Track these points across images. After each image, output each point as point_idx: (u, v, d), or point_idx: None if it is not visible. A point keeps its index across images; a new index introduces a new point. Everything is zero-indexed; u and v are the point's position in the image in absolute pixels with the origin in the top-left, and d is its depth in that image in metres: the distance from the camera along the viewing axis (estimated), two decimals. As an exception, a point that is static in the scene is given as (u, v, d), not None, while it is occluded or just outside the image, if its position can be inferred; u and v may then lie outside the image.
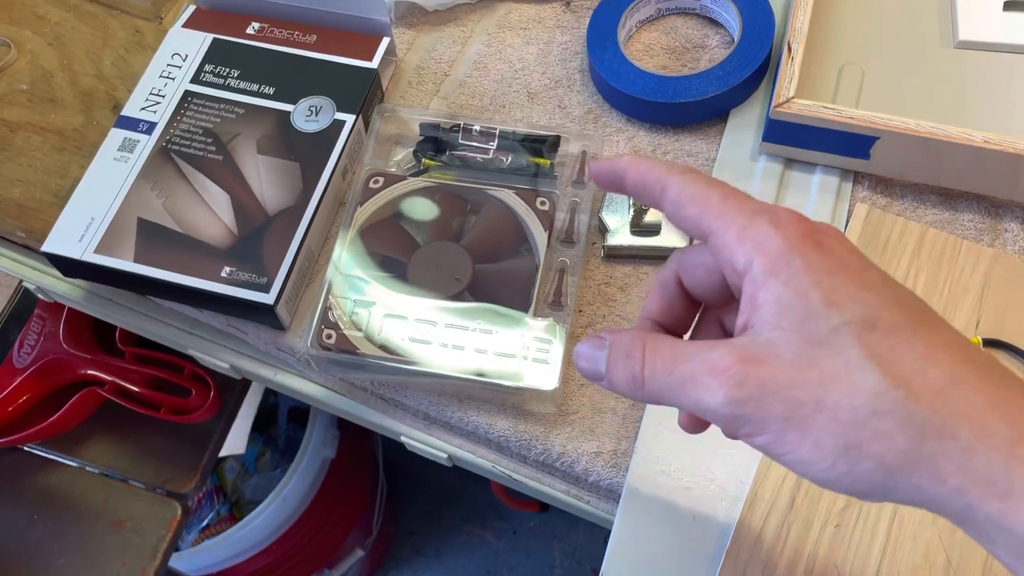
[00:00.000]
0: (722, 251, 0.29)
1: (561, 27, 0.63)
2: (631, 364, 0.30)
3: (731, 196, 0.30)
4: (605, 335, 0.32)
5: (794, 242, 0.28)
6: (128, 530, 0.70)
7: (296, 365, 0.53)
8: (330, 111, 0.56)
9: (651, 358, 0.30)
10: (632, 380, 0.30)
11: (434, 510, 1.40)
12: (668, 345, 0.30)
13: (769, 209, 0.29)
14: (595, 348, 0.32)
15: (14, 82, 0.64)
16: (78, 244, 0.51)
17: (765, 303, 0.28)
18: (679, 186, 0.31)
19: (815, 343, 0.27)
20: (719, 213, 0.30)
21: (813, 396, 0.26)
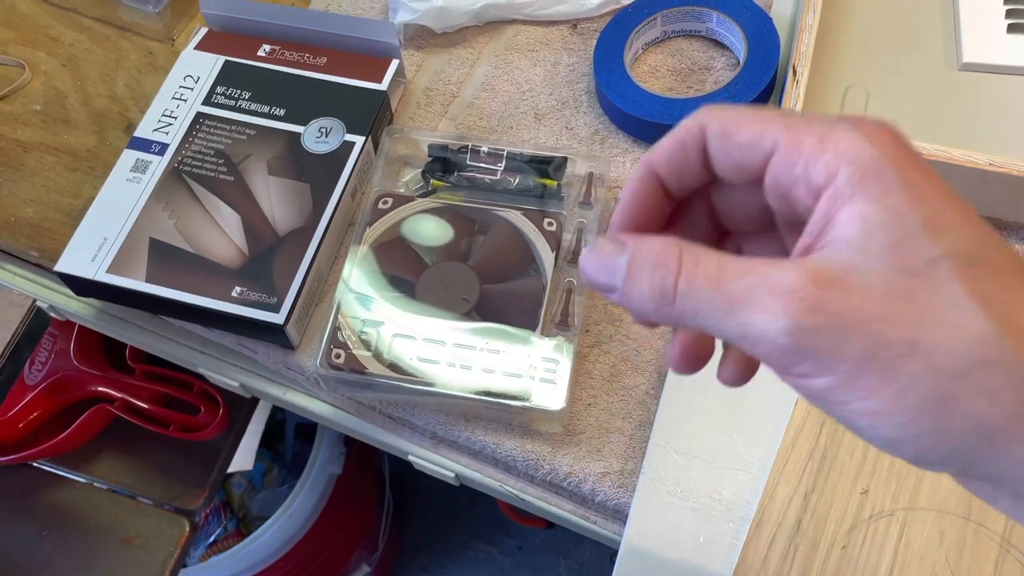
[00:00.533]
0: (793, 169, 0.24)
1: (568, 49, 0.64)
2: (661, 274, 0.24)
3: (793, 113, 0.25)
4: (624, 236, 0.26)
5: (890, 153, 0.23)
6: (136, 546, 0.71)
7: (305, 384, 0.54)
8: (340, 132, 0.56)
9: (691, 268, 0.24)
10: (660, 294, 0.24)
11: (440, 526, 1.40)
12: (713, 256, 0.24)
13: (850, 118, 0.24)
14: (610, 253, 0.26)
15: (28, 103, 0.65)
16: (91, 264, 0.52)
17: (849, 221, 0.23)
18: (723, 116, 0.26)
19: (910, 272, 0.22)
20: (786, 126, 0.24)
21: (905, 335, 0.22)
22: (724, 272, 0.23)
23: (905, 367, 0.22)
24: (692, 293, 0.24)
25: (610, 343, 0.52)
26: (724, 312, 0.23)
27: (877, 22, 0.60)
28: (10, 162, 0.62)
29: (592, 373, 0.51)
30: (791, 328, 0.22)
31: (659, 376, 0.50)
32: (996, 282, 0.22)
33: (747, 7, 0.60)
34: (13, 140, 0.63)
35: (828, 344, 0.22)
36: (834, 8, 0.60)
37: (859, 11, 0.61)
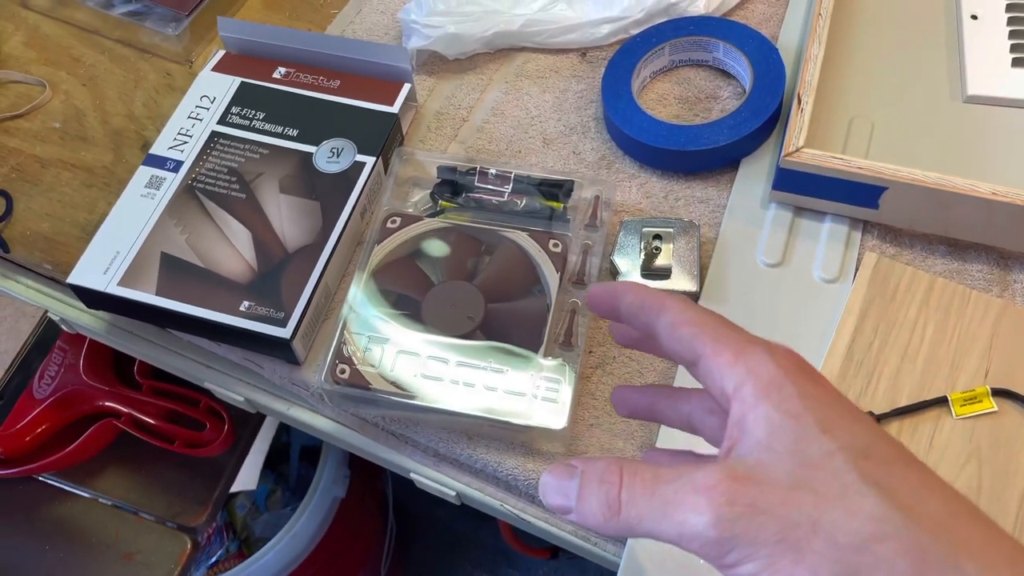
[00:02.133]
0: (712, 373, 0.29)
1: (577, 76, 0.65)
2: (606, 488, 0.29)
3: (728, 325, 0.31)
4: (576, 462, 0.30)
5: (788, 371, 0.28)
6: (138, 562, 0.71)
7: (309, 400, 0.54)
8: (351, 153, 0.57)
9: (629, 480, 0.28)
10: (607, 506, 0.28)
11: (444, 554, 1.39)
12: (648, 467, 0.28)
13: (765, 342, 0.30)
14: (564, 477, 0.30)
15: (48, 120, 0.67)
16: (103, 277, 0.53)
17: (755, 425, 0.27)
18: (677, 309, 0.31)
19: (809, 466, 0.26)
20: (715, 337, 0.30)
21: (808, 516, 0.25)
22: (657, 479, 0.28)
23: (811, 545, 0.25)
24: (633, 502, 0.28)
25: (613, 364, 0.52)
26: (661, 515, 0.27)
27: (882, 54, 0.61)
28: (28, 177, 0.63)
29: (595, 394, 0.51)
30: (715, 519, 0.26)
31: (661, 398, 0.50)
32: (883, 469, 0.26)
33: (754, 38, 0.61)
34: (32, 156, 0.64)
35: (747, 530, 0.25)
36: (839, 40, 0.61)
37: (864, 43, 0.62)
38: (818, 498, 0.25)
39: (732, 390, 0.28)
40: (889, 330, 0.50)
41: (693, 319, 0.31)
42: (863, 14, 0.63)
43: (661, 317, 0.32)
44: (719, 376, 0.29)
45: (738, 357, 0.29)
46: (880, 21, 0.63)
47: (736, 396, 0.28)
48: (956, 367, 0.49)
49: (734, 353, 0.29)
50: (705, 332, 0.30)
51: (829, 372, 0.49)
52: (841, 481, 0.26)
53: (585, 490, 0.29)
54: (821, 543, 0.25)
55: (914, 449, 0.46)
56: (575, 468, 0.30)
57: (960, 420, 0.47)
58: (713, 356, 0.30)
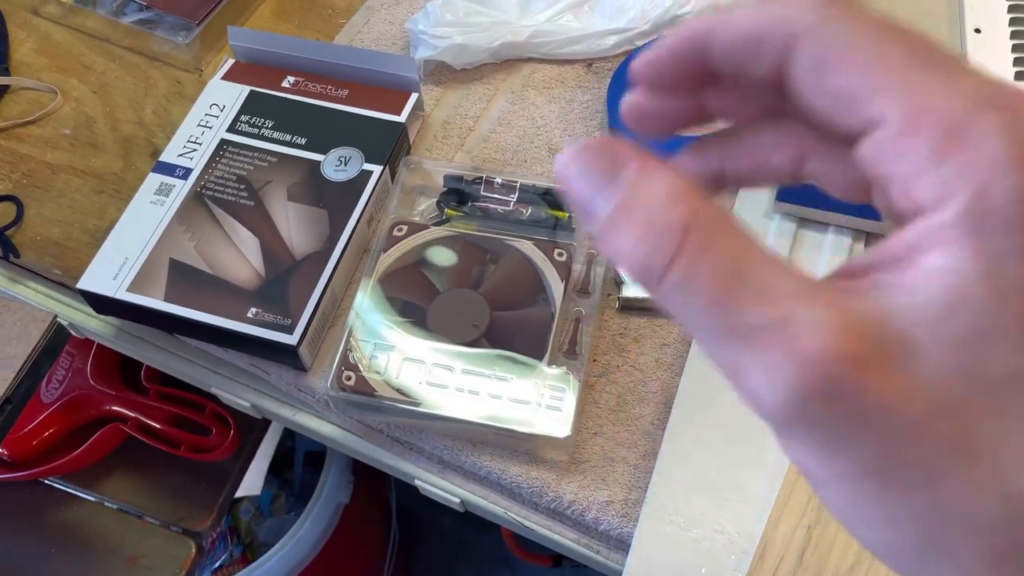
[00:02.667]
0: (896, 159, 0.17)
1: (582, 87, 0.65)
2: (656, 243, 0.17)
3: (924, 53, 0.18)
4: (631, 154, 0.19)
5: None
6: (142, 567, 0.71)
7: (315, 406, 0.55)
8: (359, 162, 0.58)
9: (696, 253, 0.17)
10: (646, 267, 0.18)
11: (446, 561, 1.39)
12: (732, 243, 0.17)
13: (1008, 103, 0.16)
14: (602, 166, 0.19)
15: (59, 127, 0.67)
16: (112, 282, 0.53)
17: (936, 275, 0.16)
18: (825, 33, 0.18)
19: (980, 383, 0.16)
20: (907, 91, 0.17)
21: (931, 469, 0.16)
22: (737, 282, 0.17)
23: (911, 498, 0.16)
24: (687, 290, 0.17)
25: (617, 373, 0.52)
26: (718, 336, 0.17)
27: (886, 67, 0.61)
28: (39, 183, 0.64)
29: (598, 402, 0.51)
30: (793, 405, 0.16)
31: (665, 407, 0.51)
32: None
33: (758, 50, 0.61)
34: (43, 162, 0.65)
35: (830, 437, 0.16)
36: (844, 53, 0.61)
37: (869, 56, 0.62)
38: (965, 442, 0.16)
39: (925, 203, 0.17)
40: (892, 341, 0.50)
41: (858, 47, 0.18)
42: (867, 27, 0.64)
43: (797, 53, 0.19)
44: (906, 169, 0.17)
45: (952, 140, 0.16)
46: (884, 34, 0.63)
47: (927, 215, 0.17)
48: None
49: (944, 130, 0.16)
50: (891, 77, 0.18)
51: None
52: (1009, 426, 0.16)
53: (624, 214, 0.18)
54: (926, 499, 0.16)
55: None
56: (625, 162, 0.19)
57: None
58: (903, 132, 0.17)
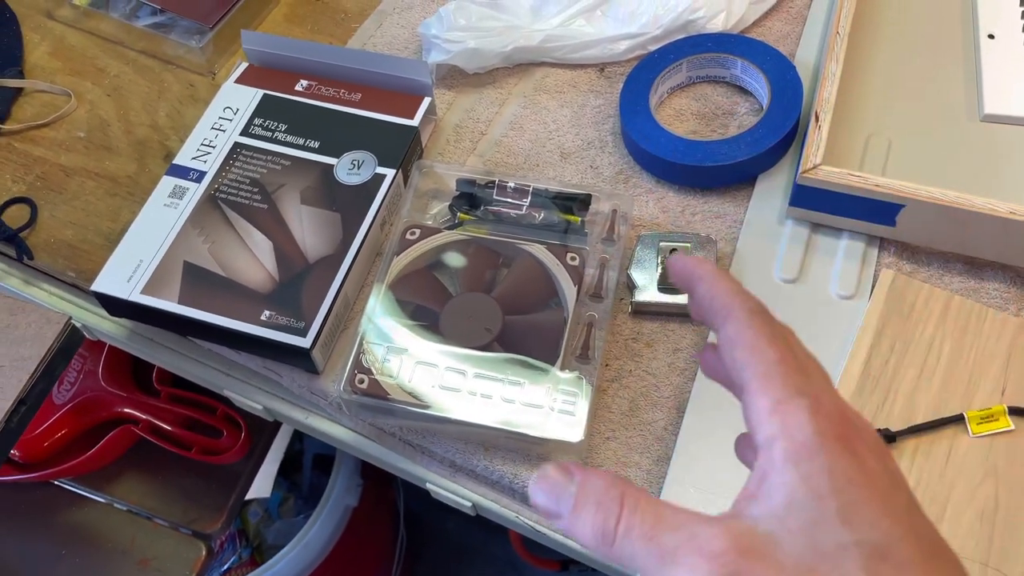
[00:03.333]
0: (750, 413, 0.27)
1: (595, 92, 0.65)
2: (603, 515, 0.26)
3: (784, 363, 0.28)
4: (574, 469, 0.28)
5: (826, 438, 0.26)
6: (153, 569, 0.71)
7: (327, 409, 0.55)
8: (371, 165, 0.58)
9: (630, 515, 0.26)
10: (601, 534, 0.26)
11: (453, 565, 1.39)
12: (652, 505, 0.26)
13: (815, 393, 0.27)
14: (559, 482, 0.28)
15: (73, 130, 0.68)
16: (126, 284, 0.54)
17: (776, 491, 0.25)
18: (741, 325, 0.29)
19: (819, 554, 0.24)
20: (764, 372, 0.27)
21: None
22: (659, 524, 0.26)
23: None
24: (629, 539, 0.26)
25: (629, 378, 0.52)
26: (657, 564, 0.25)
27: (899, 73, 0.61)
28: (53, 186, 0.64)
29: (611, 407, 0.51)
30: None
31: (678, 412, 0.51)
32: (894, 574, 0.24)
33: (771, 55, 0.61)
34: (57, 165, 0.65)
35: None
36: (857, 58, 0.61)
37: (881, 62, 0.62)
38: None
39: (762, 442, 0.26)
40: (906, 347, 0.50)
41: (751, 341, 0.28)
42: (880, 33, 0.64)
43: (725, 325, 0.29)
44: (754, 422, 0.27)
45: (776, 408, 0.26)
46: (897, 40, 0.63)
47: (765, 451, 0.26)
48: (973, 385, 0.49)
49: (774, 401, 0.27)
50: (757, 363, 0.28)
51: (845, 389, 0.49)
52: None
53: (580, 507, 0.27)
54: None
55: (930, 468, 0.46)
56: (572, 476, 0.28)
57: (977, 438, 0.47)
58: (754, 396, 0.27)
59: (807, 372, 0.28)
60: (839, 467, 0.25)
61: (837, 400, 0.27)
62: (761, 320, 0.29)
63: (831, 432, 0.26)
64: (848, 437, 0.26)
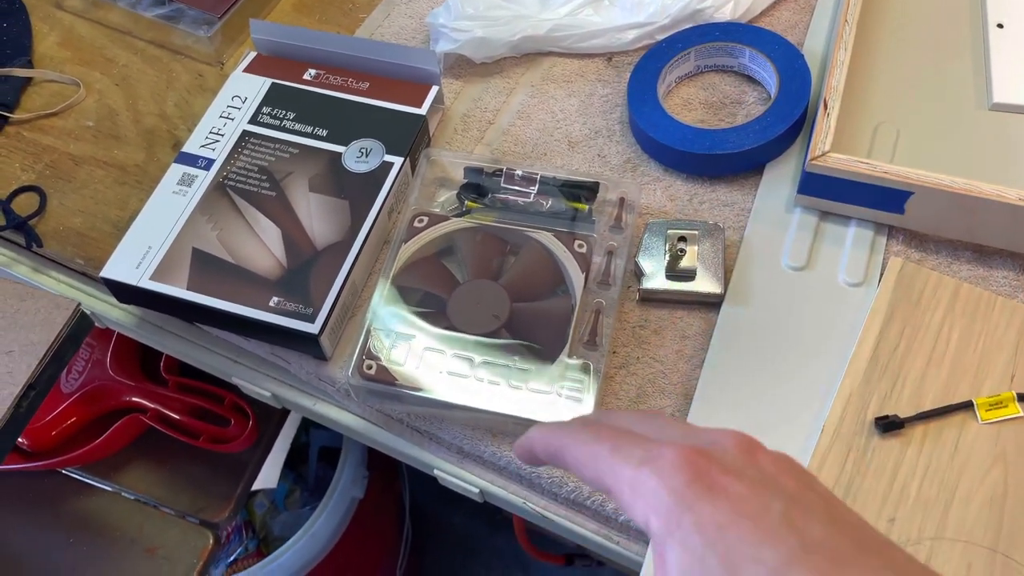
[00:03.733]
0: (625, 510, 0.27)
1: (602, 81, 0.65)
2: None
3: (618, 447, 0.28)
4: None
5: (680, 494, 0.25)
6: (160, 557, 0.72)
7: (335, 396, 0.55)
8: (379, 153, 0.58)
9: None
10: None
11: (458, 558, 1.39)
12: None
13: (654, 455, 0.27)
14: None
15: (81, 119, 0.68)
16: (135, 271, 0.54)
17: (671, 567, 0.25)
18: (573, 449, 0.30)
19: None
20: (610, 470, 0.28)
21: None
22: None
23: None
24: None
25: (637, 365, 0.52)
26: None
27: (907, 62, 0.61)
28: (62, 174, 0.64)
29: (618, 394, 0.51)
30: None
31: (685, 399, 0.51)
32: None
33: (780, 44, 0.61)
34: (66, 153, 0.66)
35: None
36: (865, 47, 0.61)
37: (890, 50, 0.62)
38: None
39: (643, 526, 0.26)
40: (914, 335, 0.50)
41: (588, 455, 0.29)
42: (889, 22, 0.64)
43: (567, 460, 0.30)
44: (630, 514, 0.27)
45: (634, 493, 0.27)
46: (905, 29, 0.63)
47: (649, 533, 0.26)
48: (981, 372, 0.49)
49: (630, 488, 0.27)
50: (602, 470, 0.28)
51: (854, 376, 0.49)
52: None
53: None
54: None
55: (938, 454, 0.46)
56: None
57: (985, 425, 0.47)
58: (616, 495, 0.28)
59: (638, 437, 0.28)
60: (703, 517, 0.25)
61: (677, 440, 0.27)
62: (584, 431, 0.30)
63: (682, 483, 0.26)
64: (701, 474, 0.26)
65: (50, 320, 0.53)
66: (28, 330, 0.52)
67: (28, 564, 0.72)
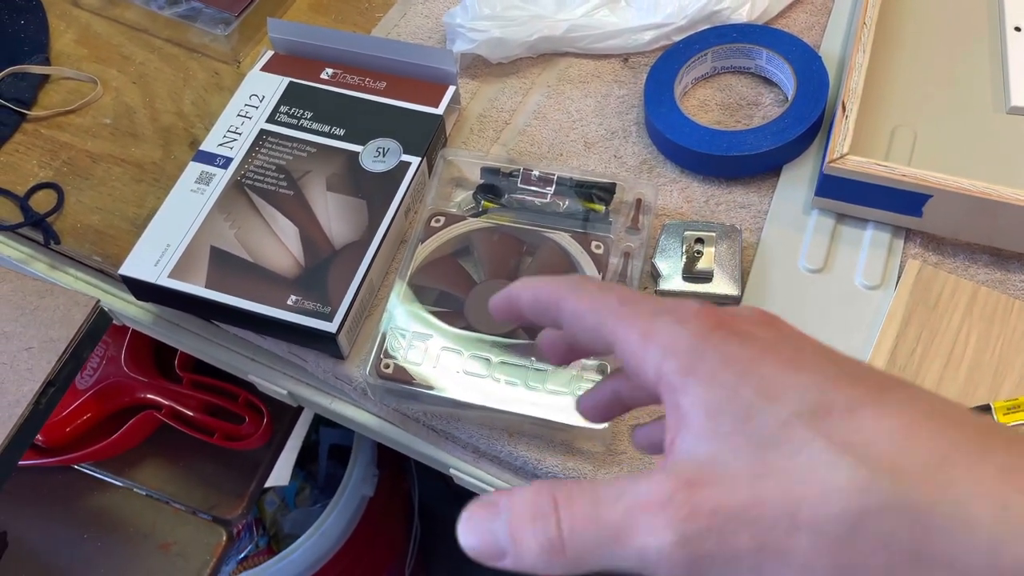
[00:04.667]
0: (630, 361, 0.25)
1: (619, 82, 0.65)
2: (543, 526, 0.23)
3: (630, 299, 0.26)
4: (497, 498, 0.25)
5: (705, 335, 0.24)
6: (174, 553, 0.72)
7: (352, 394, 0.55)
8: (397, 153, 0.58)
9: (567, 510, 0.23)
10: (549, 547, 0.23)
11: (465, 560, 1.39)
12: (585, 489, 0.23)
13: (672, 307, 0.25)
14: (486, 519, 0.24)
15: (99, 116, 0.68)
16: (153, 268, 0.54)
17: (692, 410, 0.23)
18: (574, 296, 0.28)
19: (766, 446, 0.22)
20: (618, 317, 0.26)
21: (784, 511, 0.21)
22: (598, 503, 0.23)
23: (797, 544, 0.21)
24: (576, 535, 0.23)
25: (654, 366, 0.52)
26: (614, 544, 0.22)
27: (925, 65, 0.61)
28: (79, 172, 0.65)
29: (635, 395, 0.51)
30: (679, 539, 0.21)
31: (702, 400, 0.51)
32: (850, 424, 0.21)
33: (797, 46, 0.61)
34: (83, 151, 0.66)
35: (720, 545, 0.21)
36: (883, 49, 0.61)
37: (908, 53, 0.62)
38: (787, 483, 0.21)
39: (654, 375, 0.24)
40: (932, 338, 0.50)
41: (593, 302, 0.27)
42: (907, 25, 0.63)
43: (562, 309, 0.28)
44: (637, 363, 0.25)
45: (647, 336, 0.25)
46: (923, 32, 0.63)
47: (661, 382, 0.24)
48: (1000, 376, 0.49)
49: (641, 332, 0.25)
50: (608, 315, 0.26)
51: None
52: (806, 455, 0.21)
53: (518, 532, 0.24)
54: (806, 540, 0.21)
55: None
56: (496, 506, 0.24)
57: (1003, 429, 0.47)
58: (623, 342, 0.26)
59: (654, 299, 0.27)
60: (731, 354, 0.23)
61: (695, 303, 0.26)
62: (589, 283, 0.28)
63: (707, 326, 0.24)
64: (726, 323, 0.24)
65: (69, 317, 0.53)
66: (48, 327, 0.52)
67: (42, 559, 0.73)
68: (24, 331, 0.52)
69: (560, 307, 0.28)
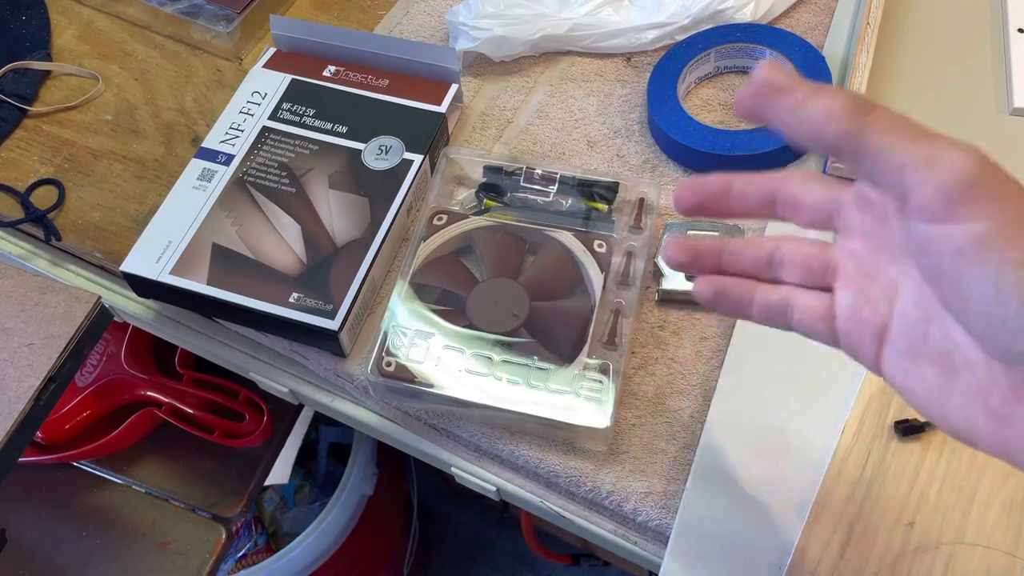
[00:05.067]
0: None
1: (622, 81, 0.65)
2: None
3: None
4: None
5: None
6: (173, 551, 0.72)
7: (353, 392, 0.55)
8: (399, 151, 0.58)
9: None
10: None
11: (464, 557, 1.39)
12: None
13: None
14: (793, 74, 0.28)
15: (100, 113, 0.68)
16: (155, 265, 0.54)
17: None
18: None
19: None
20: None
21: None
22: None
23: None
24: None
25: (655, 365, 0.52)
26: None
27: (929, 66, 0.61)
28: (80, 168, 0.65)
29: (637, 394, 0.51)
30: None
31: (704, 400, 0.51)
32: None
33: (800, 46, 0.61)
34: (84, 147, 0.66)
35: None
36: (886, 50, 0.61)
37: (911, 54, 0.62)
38: None
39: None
40: (934, 338, 0.50)
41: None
42: (910, 25, 0.63)
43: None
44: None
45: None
46: (926, 33, 0.63)
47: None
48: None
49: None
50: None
51: (874, 379, 0.49)
52: None
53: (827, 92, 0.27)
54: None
55: (958, 459, 0.46)
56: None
57: (1006, 430, 0.47)
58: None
59: None
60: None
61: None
62: None
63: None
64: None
65: (70, 313, 0.53)
66: (48, 323, 0.52)
67: (41, 556, 0.72)
68: (25, 327, 0.52)
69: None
